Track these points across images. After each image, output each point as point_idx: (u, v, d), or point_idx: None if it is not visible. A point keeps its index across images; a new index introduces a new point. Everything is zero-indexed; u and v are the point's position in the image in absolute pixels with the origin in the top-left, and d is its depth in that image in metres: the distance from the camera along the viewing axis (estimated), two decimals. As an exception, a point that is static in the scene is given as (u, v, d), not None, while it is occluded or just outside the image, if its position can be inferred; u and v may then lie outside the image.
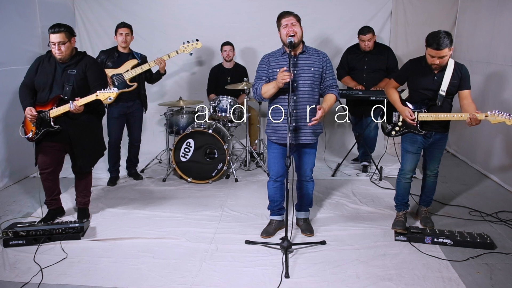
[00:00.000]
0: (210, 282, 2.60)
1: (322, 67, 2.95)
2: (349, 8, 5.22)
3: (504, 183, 4.11)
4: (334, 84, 3.00)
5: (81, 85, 3.15)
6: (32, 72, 3.18)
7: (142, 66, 4.10)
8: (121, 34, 4.08)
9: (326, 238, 3.09)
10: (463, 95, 2.99)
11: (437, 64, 2.88)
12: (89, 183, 3.51)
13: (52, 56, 3.15)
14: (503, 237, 3.12)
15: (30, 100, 3.14)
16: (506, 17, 4.13)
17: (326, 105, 2.89)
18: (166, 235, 3.18)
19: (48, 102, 3.12)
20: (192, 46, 4.24)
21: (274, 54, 3.01)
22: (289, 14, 2.90)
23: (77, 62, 3.16)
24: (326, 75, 2.97)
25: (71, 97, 3.09)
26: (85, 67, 3.17)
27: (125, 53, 4.16)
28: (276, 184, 3.12)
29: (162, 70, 4.24)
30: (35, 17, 4.58)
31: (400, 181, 3.24)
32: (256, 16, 5.26)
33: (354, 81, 4.47)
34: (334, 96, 2.96)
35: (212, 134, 4.17)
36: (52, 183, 3.36)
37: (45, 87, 3.13)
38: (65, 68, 3.13)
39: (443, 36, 2.78)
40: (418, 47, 5.00)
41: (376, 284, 2.56)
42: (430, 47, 2.83)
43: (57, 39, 3.03)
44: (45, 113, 3.10)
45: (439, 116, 2.95)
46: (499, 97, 4.16)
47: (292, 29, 2.84)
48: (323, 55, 2.98)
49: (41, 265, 2.75)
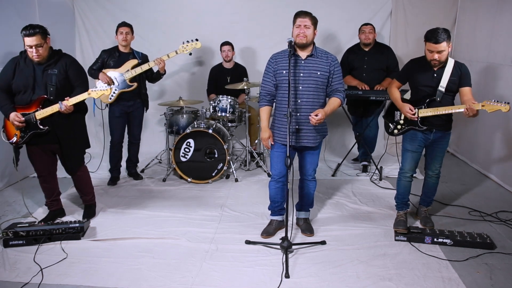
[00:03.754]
0: (210, 282, 2.60)
1: (329, 71, 2.91)
2: (349, 8, 5.22)
3: (504, 183, 4.12)
4: (341, 88, 2.97)
5: (64, 84, 3.10)
6: (8, 74, 3.05)
7: (142, 66, 4.09)
8: (122, 33, 4.08)
9: (326, 238, 3.09)
10: (464, 92, 3.01)
11: (436, 60, 2.91)
12: (88, 180, 3.48)
13: (27, 57, 3.05)
14: (503, 237, 3.12)
15: (11, 105, 3.07)
16: (505, 17, 4.14)
17: (328, 108, 2.89)
18: (166, 235, 3.18)
19: (31, 104, 3.05)
20: (192, 46, 4.24)
21: (282, 54, 2.97)
22: (306, 15, 2.86)
23: (56, 61, 3.09)
24: (333, 79, 2.94)
25: (56, 97, 3.05)
26: (66, 66, 3.11)
27: (126, 52, 4.16)
28: (278, 185, 3.11)
29: (162, 70, 4.23)
30: (34, 17, 4.57)
31: (400, 180, 3.25)
32: (256, 16, 5.26)
33: (356, 79, 4.48)
34: (339, 100, 2.94)
35: (212, 134, 4.17)
36: (50, 184, 3.36)
37: (26, 89, 3.05)
38: (45, 68, 3.06)
39: (441, 31, 2.85)
40: (418, 47, 5.00)
41: (376, 284, 2.56)
42: (429, 41, 2.88)
43: (33, 42, 2.92)
44: (30, 115, 3.05)
45: (438, 110, 2.98)
46: (499, 96, 4.16)
47: (304, 31, 2.82)
48: (332, 59, 2.94)
49: (41, 265, 2.75)
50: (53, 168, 3.35)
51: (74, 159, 3.30)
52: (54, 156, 3.33)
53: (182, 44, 4.23)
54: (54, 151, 3.26)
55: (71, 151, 3.24)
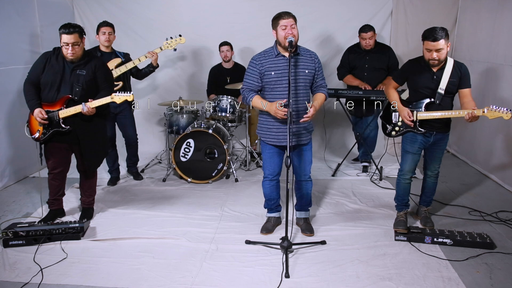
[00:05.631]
0: (210, 282, 2.60)
1: (314, 68, 2.96)
2: (350, 8, 5.21)
3: (504, 183, 4.11)
4: (324, 83, 3.05)
5: (90, 86, 3.13)
6: (39, 69, 3.10)
7: (127, 64, 4.04)
8: (104, 33, 4.02)
9: (326, 238, 3.09)
10: (463, 94, 3.00)
11: (435, 59, 2.88)
12: (95, 183, 3.51)
13: (60, 54, 3.09)
14: (503, 237, 3.12)
15: (38, 101, 3.10)
16: (506, 16, 4.13)
17: (317, 103, 2.91)
18: (166, 235, 3.18)
19: (56, 102, 3.09)
20: (176, 42, 4.20)
21: (266, 55, 2.94)
22: (289, 16, 2.85)
23: (86, 63, 3.12)
24: (318, 75, 3.00)
25: (80, 98, 3.07)
26: (95, 68, 3.14)
27: (107, 52, 4.10)
28: (272, 183, 3.14)
29: (155, 63, 4.21)
30: (34, 16, 4.57)
31: (399, 181, 3.24)
32: (256, 16, 5.25)
33: (357, 79, 4.47)
34: (324, 95, 3.01)
35: (212, 134, 4.16)
36: (59, 182, 3.36)
37: (52, 86, 3.08)
38: (74, 68, 3.09)
39: (439, 29, 2.84)
40: (418, 47, 4.92)
41: (376, 284, 2.56)
42: (427, 39, 2.87)
43: (70, 40, 2.98)
44: (54, 113, 3.07)
45: (438, 114, 2.96)
46: (499, 96, 4.16)
47: (292, 32, 2.82)
48: (315, 56, 2.99)
49: (41, 265, 2.75)
50: (66, 167, 3.36)
51: (93, 159, 3.30)
52: (71, 156, 3.34)
53: (166, 41, 4.20)
54: (73, 150, 3.29)
55: (90, 153, 3.25)
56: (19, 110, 4.13)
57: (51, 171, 3.30)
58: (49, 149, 3.23)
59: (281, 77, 2.87)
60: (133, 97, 3.07)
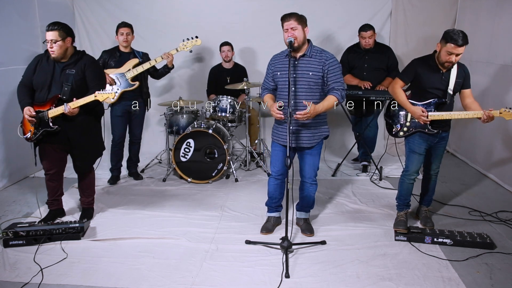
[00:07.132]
0: (211, 282, 2.60)
1: (323, 71, 2.88)
2: (349, 8, 5.21)
3: (503, 183, 4.12)
4: (338, 87, 2.89)
5: (80, 85, 3.12)
6: (31, 71, 3.14)
7: (143, 65, 4.14)
8: (122, 34, 4.11)
9: (326, 238, 3.09)
10: (466, 94, 3.01)
11: (451, 62, 2.86)
12: (92, 182, 3.50)
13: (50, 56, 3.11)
14: (503, 237, 3.12)
15: (29, 100, 3.11)
16: (505, 17, 4.13)
17: (322, 105, 2.84)
18: (166, 235, 3.18)
19: (46, 102, 3.09)
20: (192, 43, 4.27)
21: (280, 54, 3.03)
22: (290, 18, 2.85)
23: (76, 62, 3.13)
24: (329, 78, 2.88)
25: (70, 97, 3.06)
26: (84, 67, 3.14)
27: (126, 52, 4.19)
28: (277, 182, 3.15)
29: (170, 64, 4.27)
30: (34, 17, 4.57)
31: (404, 181, 3.22)
32: (256, 16, 5.25)
33: (356, 78, 4.47)
34: (334, 98, 2.87)
35: (212, 134, 4.17)
36: (56, 183, 3.36)
37: (43, 86, 3.10)
38: (64, 67, 3.10)
39: (463, 33, 2.79)
40: (418, 47, 5.01)
41: (376, 284, 2.56)
42: (452, 42, 2.78)
43: (50, 36, 3.01)
44: (44, 113, 3.08)
45: (452, 115, 2.94)
46: (499, 96, 4.16)
47: (292, 33, 2.83)
48: (326, 58, 2.89)
49: (41, 265, 2.74)
50: (61, 168, 3.36)
51: (84, 160, 3.30)
52: (65, 156, 3.34)
53: (182, 42, 4.26)
54: (67, 151, 3.28)
55: (81, 153, 3.25)
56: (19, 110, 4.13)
57: (46, 172, 3.30)
58: (42, 150, 3.24)
59: (285, 78, 2.89)
60: (114, 95, 3.04)
